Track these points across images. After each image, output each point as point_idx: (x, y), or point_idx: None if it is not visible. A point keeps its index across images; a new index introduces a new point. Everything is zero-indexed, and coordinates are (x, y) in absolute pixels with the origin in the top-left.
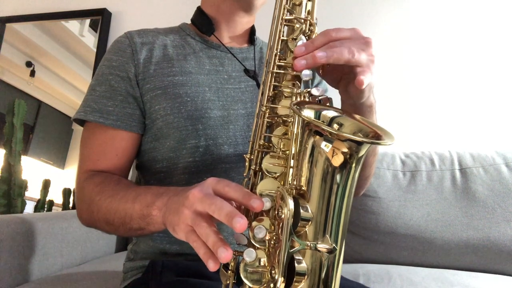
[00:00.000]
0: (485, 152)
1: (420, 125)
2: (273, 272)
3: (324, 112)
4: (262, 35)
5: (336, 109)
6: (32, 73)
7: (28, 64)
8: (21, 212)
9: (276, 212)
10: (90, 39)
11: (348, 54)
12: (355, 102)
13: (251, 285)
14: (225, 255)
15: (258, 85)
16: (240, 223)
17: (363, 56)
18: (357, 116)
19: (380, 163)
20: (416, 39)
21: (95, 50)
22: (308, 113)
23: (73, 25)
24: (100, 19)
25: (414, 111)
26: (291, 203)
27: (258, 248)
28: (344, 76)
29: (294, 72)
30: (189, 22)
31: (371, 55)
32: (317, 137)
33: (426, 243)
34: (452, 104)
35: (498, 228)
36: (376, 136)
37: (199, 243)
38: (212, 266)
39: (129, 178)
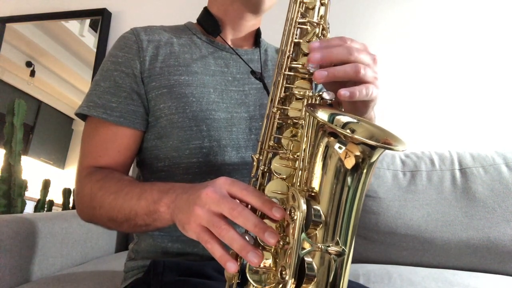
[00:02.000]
0: (485, 152)
1: (420, 125)
2: (283, 273)
3: (338, 117)
4: (266, 37)
5: (349, 114)
6: (32, 73)
7: (28, 64)
8: (21, 212)
9: (287, 213)
10: (90, 39)
11: (352, 71)
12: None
13: (256, 285)
14: (258, 260)
15: (264, 86)
16: (275, 239)
17: (368, 72)
18: (371, 123)
19: (380, 163)
20: (416, 39)
21: (95, 50)
22: (322, 115)
23: (73, 25)
24: (100, 19)
25: (414, 111)
26: (303, 205)
27: (264, 248)
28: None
29: (306, 76)
30: (189, 22)
31: (375, 72)
32: (331, 138)
33: (426, 243)
34: (452, 104)
35: (498, 228)
36: (387, 142)
37: (214, 245)
38: (233, 269)
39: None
